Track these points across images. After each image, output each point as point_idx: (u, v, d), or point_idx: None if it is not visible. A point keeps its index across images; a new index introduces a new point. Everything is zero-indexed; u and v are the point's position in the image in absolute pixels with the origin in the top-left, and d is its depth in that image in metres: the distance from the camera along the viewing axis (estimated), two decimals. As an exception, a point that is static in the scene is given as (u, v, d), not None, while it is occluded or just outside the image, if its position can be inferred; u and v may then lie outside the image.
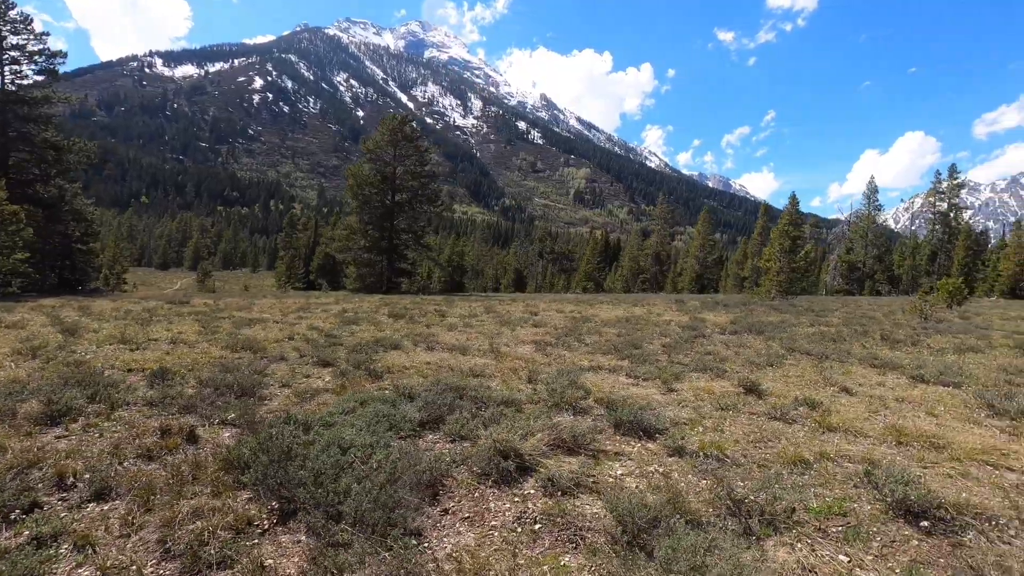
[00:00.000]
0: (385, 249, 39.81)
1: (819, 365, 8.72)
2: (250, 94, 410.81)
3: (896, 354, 10.07)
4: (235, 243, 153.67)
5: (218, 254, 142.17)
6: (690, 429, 5.02)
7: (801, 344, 10.69)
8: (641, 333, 12.60)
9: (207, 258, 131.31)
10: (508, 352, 8.94)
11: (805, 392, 6.60)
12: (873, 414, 5.65)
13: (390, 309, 17.95)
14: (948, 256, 56.86)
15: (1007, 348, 11.06)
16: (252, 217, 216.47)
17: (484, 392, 5.69)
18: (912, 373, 7.75)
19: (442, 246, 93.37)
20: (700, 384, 6.78)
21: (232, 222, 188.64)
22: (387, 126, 39.39)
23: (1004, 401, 5.68)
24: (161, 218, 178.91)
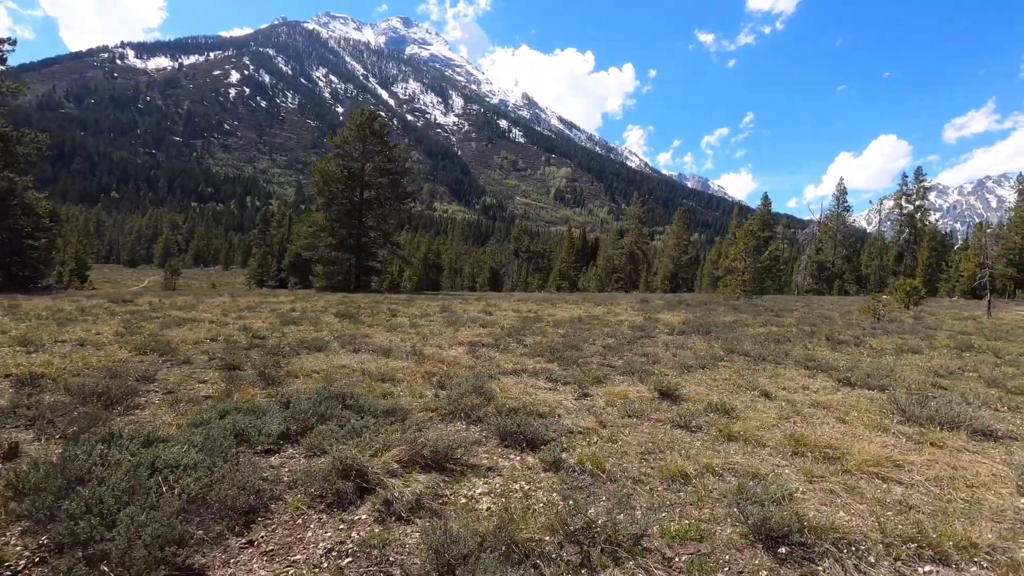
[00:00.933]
0: (353, 247, 39.08)
1: (752, 367, 8.52)
2: (226, 88, 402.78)
3: (835, 356, 9.94)
4: (208, 240, 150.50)
5: (190, 251, 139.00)
6: (583, 439, 4.71)
7: (743, 345, 10.51)
8: (588, 333, 12.32)
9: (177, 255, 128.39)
10: (433, 355, 8.56)
11: (723, 397, 6.35)
12: (782, 421, 5.41)
13: (342, 308, 17.42)
14: (914, 257, 58.06)
15: (947, 349, 11.04)
16: (227, 214, 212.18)
17: (371, 401, 5.30)
18: (841, 376, 7.57)
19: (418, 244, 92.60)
20: (617, 389, 6.49)
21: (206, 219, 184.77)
22: (355, 121, 38.66)
23: (916, 407, 5.48)
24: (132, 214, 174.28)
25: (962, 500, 3.65)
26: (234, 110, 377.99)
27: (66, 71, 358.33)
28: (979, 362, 9.45)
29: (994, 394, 6.95)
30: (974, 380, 7.88)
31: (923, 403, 5.50)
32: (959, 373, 8.41)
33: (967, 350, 10.93)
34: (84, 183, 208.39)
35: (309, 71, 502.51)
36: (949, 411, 5.22)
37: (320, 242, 39.00)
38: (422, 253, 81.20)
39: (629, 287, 63.84)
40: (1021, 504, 3.62)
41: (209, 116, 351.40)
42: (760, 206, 67.83)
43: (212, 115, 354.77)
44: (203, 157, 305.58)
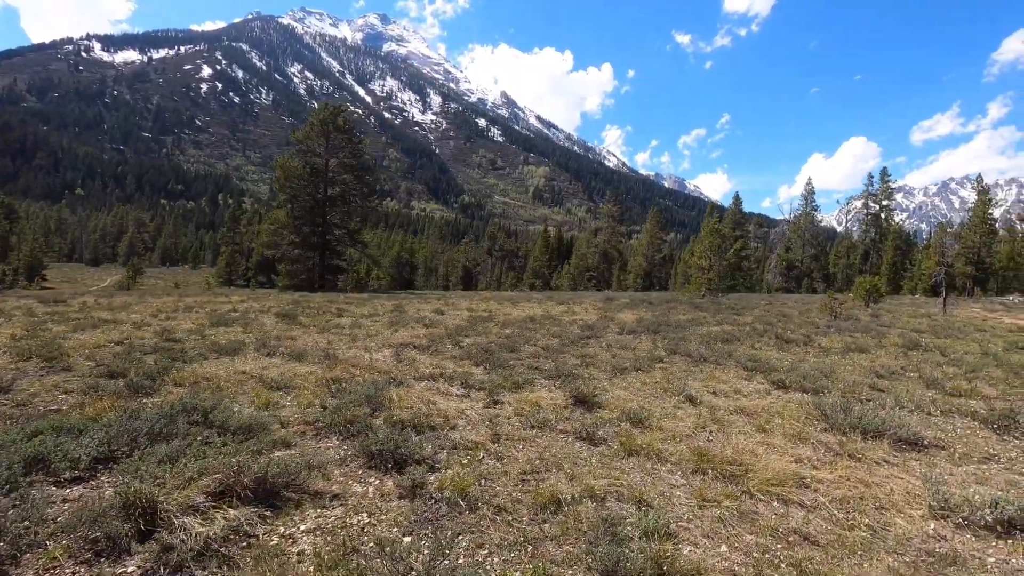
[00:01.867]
0: (316, 245, 38.00)
1: (690, 369, 8.10)
2: (198, 83, 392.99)
3: (781, 355, 9.60)
4: (176, 239, 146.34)
5: (157, 250, 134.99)
6: (463, 458, 4.16)
7: (689, 345, 10.11)
8: (534, 334, 11.81)
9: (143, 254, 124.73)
10: (350, 358, 7.94)
11: (645, 403, 5.88)
12: (698, 430, 4.94)
13: (288, 308, 16.62)
14: (879, 256, 59.09)
15: (895, 347, 10.81)
16: (198, 211, 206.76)
17: (235, 414, 4.67)
18: (778, 378, 7.18)
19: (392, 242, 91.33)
20: (532, 395, 5.97)
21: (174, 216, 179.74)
22: (317, 116, 37.58)
23: (841, 413, 5.07)
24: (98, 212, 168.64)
25: (866, 527, 3.20)
26: (206, 106, 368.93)
27: (28, 63, 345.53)
28: (923, 361, 9.19)
29: (931, 396, 6.62)
30: (914, 381, 7.57)
31: (847, 409, 5.09)
32: (900, 373, 8.11)
33: (914, 349, 10.72)
34: (47, 179, 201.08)
35: (284, 67, 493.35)
36: (873, 418, 4.81)
37: (283, 240, 37.81)
38: (395, 252, 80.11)
39: (602, 286, 63.75)
40: (931, 529, 3.19)
41: (180, 111, 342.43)
42: (731, 205, 68.46)
43: (183, 110, 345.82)
44: (173, 153, 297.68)
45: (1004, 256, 47.16)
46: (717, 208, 79.82)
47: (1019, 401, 6.34)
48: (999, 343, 11.88)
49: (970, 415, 5.56)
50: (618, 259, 71.97)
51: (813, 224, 63.28)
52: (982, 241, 44.17)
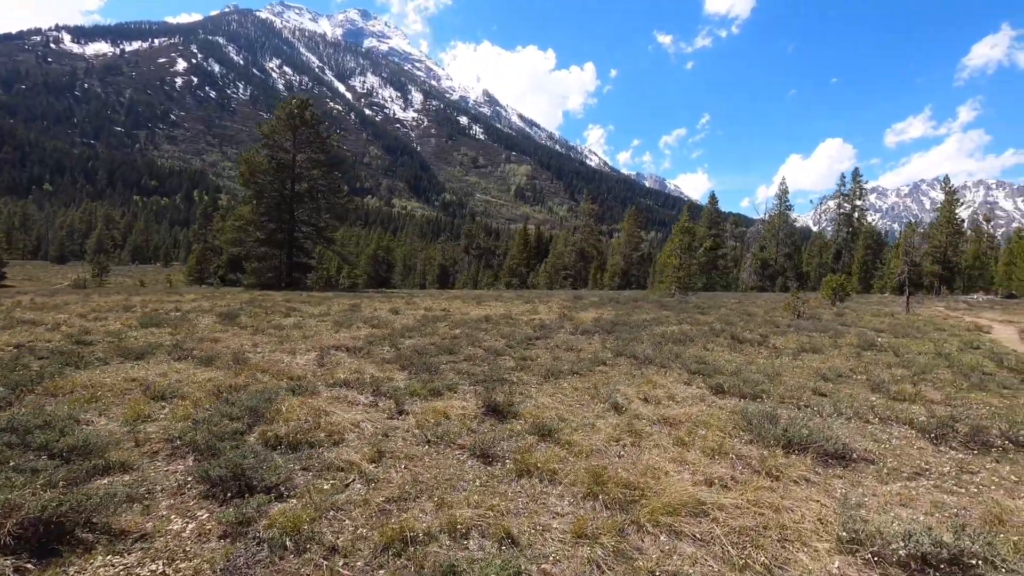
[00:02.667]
0: (283, 243, 36.98)
1: (631, 372, 7.65)
2: (172, 77, 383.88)
3: (731, 357, 9.23)
4: (148, 235, 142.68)
5: (127, 247, 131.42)
6: (331, 480, 3.62)
7: (639, 346, 9.69)
8: (483, 335, 11.30)
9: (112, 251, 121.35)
10: (262, 363, 7.32)
11: (567, 411, 5.40)
12: (611, 444, 4.47)
13: (234, 308, 15.85)
14: (851, 255, 59.83)
15: (850, 348, 10.53)
16: (172, 208, 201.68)
17: (67, 433, 4.06)
18: (717, 382, 6.75)
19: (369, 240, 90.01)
20: (442, 404, 5.44)
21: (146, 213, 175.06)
22: (284, 110, 36.54)
23: (767, 423, 4.63)
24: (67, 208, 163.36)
25: (762, 566, 2.74)
26: (181, 100, 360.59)
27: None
28: (874, 363, 8.89)
29: (873, 401, 6.26)
30: (860, 384, 7.22)
31: (774, 420, 4.66)
32: (848, 376, 7.77)
33: (869, 349, 10.45)
34: (13, 174, 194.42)
35: (262, 61, 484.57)
36: (800, 429, 4.39)
37: (248, 237, 36.69)
38: (371, 249, 78.96)
39: (579, 284, 63.51)
40: (836, 568, 2.74)
41: (154, 105, 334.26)
42: (707, 205, 68.78)
43: (157, 104, 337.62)
44: (147, 148, 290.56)
45: (970, 255, 48.03)
46: (694, 207, 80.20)
47: (962, 406, 6.00)
48: (955, 343, 11.69)
49: (908, 423, 5.18)
50: (597, 258, 71.80)
51: (787, 223, 63.81)
52: (948, 241, 44.87)
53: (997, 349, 10.89)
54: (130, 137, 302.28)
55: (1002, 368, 8.68)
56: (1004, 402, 6.43)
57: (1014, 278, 39.25)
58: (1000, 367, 8.74)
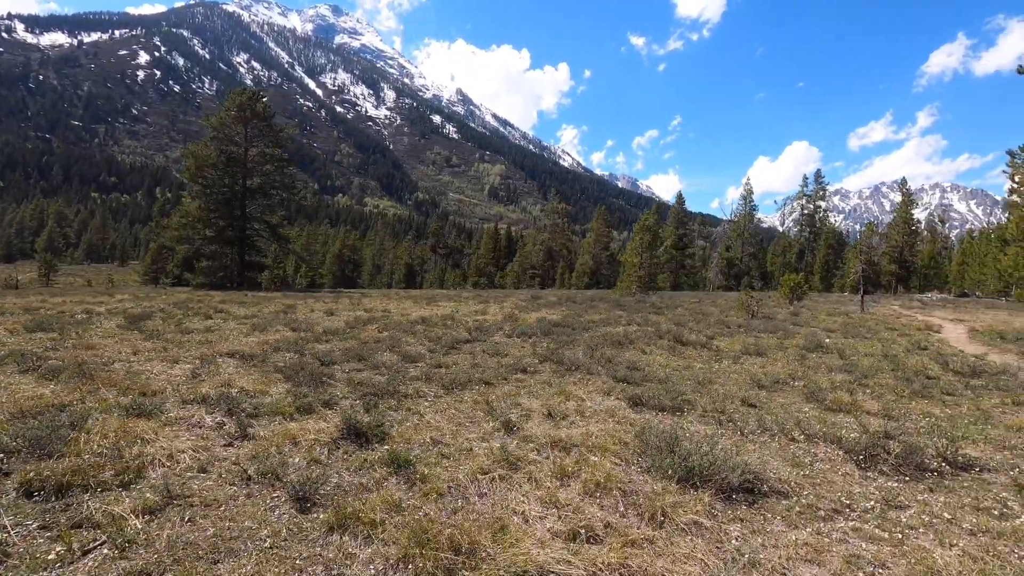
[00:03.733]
0: (233, 240, 35.33)
1: (551, 380, 6.88)
2: (134, 70, 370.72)
3: (668, 361, 8.56)
4: (104, 233, 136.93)
5: (82, 245, 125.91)
6: (63, 548, 2.70)
7: (572, 351, 8.94)
8: (412, 338, 10.42)
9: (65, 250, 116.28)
10: (119, 375, 6.29)
11: (450, 433, 4.57)
12: (476, 477, 3.65)
13: (148, 309, 14.58)
14: (814, 254, 60.70)
15: (795, 349, 9.99)
16: (133, 205, 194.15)
17: None
18: (637, 392, 6.01)
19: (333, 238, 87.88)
20: (299, 426, 4.55)
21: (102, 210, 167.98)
22: (234, 101, 34.89)
23: (665, 451, 3.88)
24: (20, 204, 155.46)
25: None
26: (143, 94, 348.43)
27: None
28: (817, 367, 8.32)
29: (805, 412, 5.62)
30: (796, 392, 6.59)
31: (674, 444, 3.91)
32: (785, 383, 7.14)
33: (815, 350, 9.93)
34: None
35: (229, 56, 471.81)
36: (703, 456, 3.64)
37: (196, 234, 34.95)
38: (337, 248, 77.08)
39: (547, 284, 62.96)
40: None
41: (114, 99, 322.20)
42: (675, 204, 69.02)
43: (118, 98, 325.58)
44: (107, 144, 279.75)
45: (926, 255, 49.10)
46: (663, 207, 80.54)
47: (900, 418, 5.39)
48: (903, 343, 11.30)
49: (837, 441, 4.50)
50: (567, 257, 71.40)
51: (752, 224, 64.43)
52: (905, 241, 45.72)
53: (944, 350, 10.51)
54: (88, 131, 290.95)
55: (947, 371, 8.20)
56: (945, 411, 5.85)
57: (966, 277, 40.12)
58: (945, 370, 8.27)
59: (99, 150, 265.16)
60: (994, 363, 9.03)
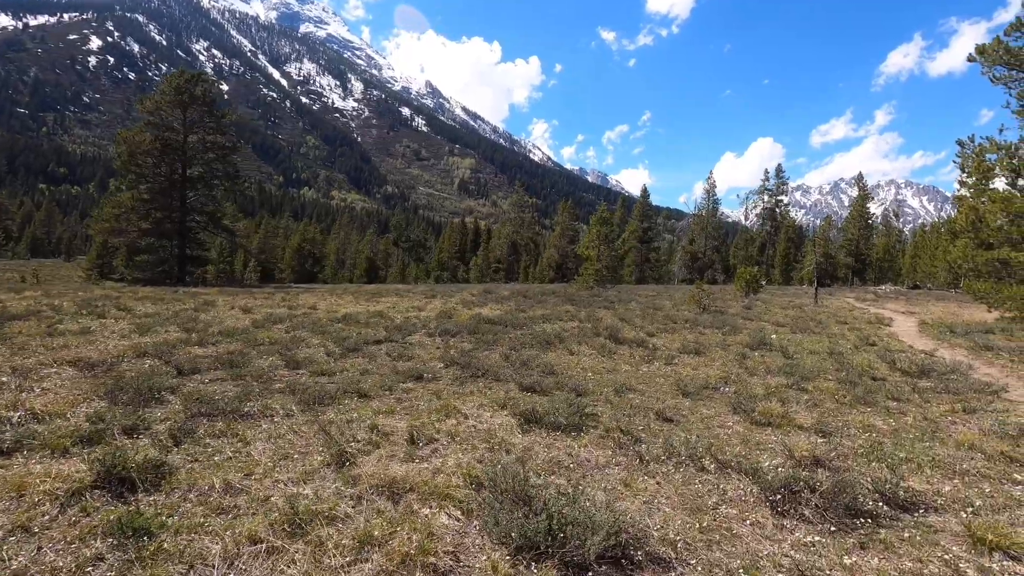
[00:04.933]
0: (172, 232, 33.19)
1: (445, 389, 5.84)
2: (85, 56, 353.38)
3: (596, 363, 7.62)
4: (50, 227, 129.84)
5: (24, 239, 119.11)
6: None
7: (488, 353, 7.93)
8: (319, 338, 9.24)
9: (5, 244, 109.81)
10: None
11: (251, 474, 3.47)
12: (238, 552, 2.57)
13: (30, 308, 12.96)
14: (775, 248, 61.30)
15: (738, 347, 9.20)
16: (85, 198, 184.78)
17: None
18: (532, 407, 5.01)
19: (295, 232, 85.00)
20: (45, 469, 3.38)
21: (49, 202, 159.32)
22: (171, 84, 32.65)
23: (509, 507, 2.86)
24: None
25: None
26: (96, 81, 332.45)
27: None
28: (756, 367, 7.49)
29: (729, 429, 4.72)
30: (724, 401, 5.70)
31: (523, 492, 2.89)
32: (715, 389, 6.26)
33: (758, 348, 9.15)
34: None
35: (187, 43, 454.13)
36: (559, 512, 2.63)
37: (130, 226, 32.66)
38: (296, 242, 74.57)
39: (511, 277, 62.02)
40: None
41: (64, 86, 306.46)
42: (640, 198, 68.84)
43: (68, 85, 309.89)
44: (56, 132, 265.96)
45: (881, 249, 49.92)
46: (629, 200, 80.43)
47: (835, 432, 4.53)
48: (852, 338, 10.67)
49: (753, 473, 3.58)
50: (533, 251, 70.53)
51: (716, 217, 64.71)
52: (861, 234, 46.32)
53: (893, 346, 9.89)
54: (35, 120, 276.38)
55: (894, 371, 7.48)
56: (889, 423, 5.03)
57: (918, 269, 40.81)
58: (892, 369, 7.55)
59: (47, 139, 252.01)
60: (943, 360, 8.40)
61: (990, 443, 4.28)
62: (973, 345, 9.88)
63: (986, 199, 14.19)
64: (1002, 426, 4.68)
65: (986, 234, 14.28)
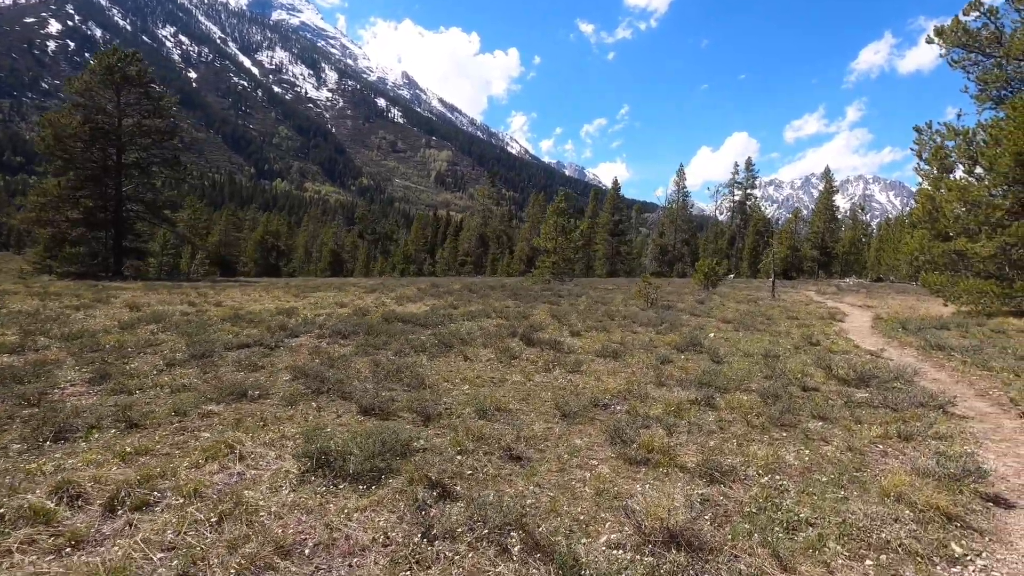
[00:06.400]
0: (105, 223, 31.01)
1: (258, 415, 4.55)
2: (43, 40, 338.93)
3: (485, 372, 6.40)
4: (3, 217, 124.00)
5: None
6: None
7: (357, 362, 6.65)
8: (179, 342, 7.83)
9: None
10: None
11: None
12: None
13: None
14: (744, 240, 61.13)
15: (666, 348, 8.09)
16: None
17: None
18: (332, 444, 3.75)
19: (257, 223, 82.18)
20: None
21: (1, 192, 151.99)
22: (102, 63, 30.35)
23: None
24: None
25: None
26: (55, 67, 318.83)
27: None
28: (669, 377, 6.35)
29: (591, 471, 3.53)
30: (604, 426, 4.51)
31: None
32: (605, 407, 5.09)
33: (687, 349, 8.04)
34: None
35: (153, 28, 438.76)
36: None
37: (58, 216, 30.38)
38: (259, 235, 72.09)
39: (480, 271, 60.66)
40: None
41: (20, 72, 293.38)
42: (610, 190, 68.03)
43: (24, 70, 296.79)
44: (12, 119, 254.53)
45: (847, 241, 49.93)
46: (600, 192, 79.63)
47: (722, 477, 3.37)
48: (797, 336, 9.67)
49: (568, 569, 2.39)
50: (506, 243, 69.20)
51: (686, 210, 64.26)
52: (826, 227, 46.17)
53: (838, 346, 8.89)
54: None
55: (830, 378, 6.42)
56: (803, 455, 3.91)
57: (882, 262, 40.74)
58: (828, 376, 6.49)
59: (2, 127, 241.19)
60: (889, 363, 7.41)
61: (924, 491, 3.17)
62: (924, 344, 8.96)
63: (943, 188, 13.38)
64: (942, 461, 3.59)
65: (943, 224, 13.48)
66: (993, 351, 8.34)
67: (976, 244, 12.32)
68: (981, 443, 4.40)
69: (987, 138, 13.07)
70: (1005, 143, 12.12)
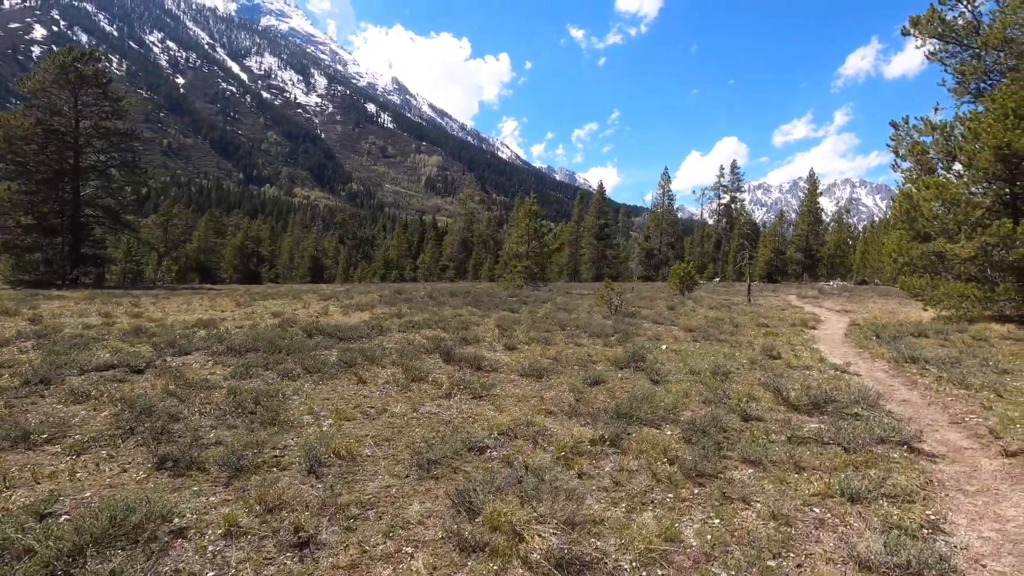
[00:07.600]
0: (60, 228, 29.67)
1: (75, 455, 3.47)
2: (28, 45, 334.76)
3: (367, 400, 5.35)
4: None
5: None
6: None
7: (223, 386, 5.58)
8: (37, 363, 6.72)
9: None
10: None
11: None
12: None
13: None
14: (730, 243, 60.47)
15: (604, 364, 7.07)
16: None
17: None
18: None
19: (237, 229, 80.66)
20: None
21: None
22: (56, 62, 29.11)
23: None
24: None
25: None
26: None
27: None
28: (586, 404, 5.31)
29: (405, 565, 2.49)
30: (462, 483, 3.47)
31: None
32: (482, 452, 4.05)
33: (628, 365, 7.02)
34: None
35: (141, 34, 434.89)
36: None
37: (11, 221, 29.02)
38: (238, 240, 70.61)
39: (462, 276, 59.58)
40: None
41: (4, 77, 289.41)
42: (595, 194, 67.26)
43: (8, 76, 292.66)
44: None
45: (832, 244, 49.33)
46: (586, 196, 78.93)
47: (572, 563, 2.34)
48: (758, 348, 8.69)
49: None
50: (493, 248, 68.10)
51: (671, 213, 63.57)
52: (810, 229, 45.53)
53: (800, 359, 7.90)
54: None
55: (779, 403, 5.41)
56: (705, 537, 2.88)
57: (867, 265, 40.10)
58: (778, 400, 5.47)
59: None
60: (853, 381, 6.42)
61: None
62: (897, 355, 7.99)
63: (920, 185, 12.50)
64: (892, 543, 2.57)
65: (921, 224, 12.59)
66: (973, 363, 7.40)
67: (955, 245, 11.43)
68: (951, 499, 3.39)
69: (965, 132, 12.22)
70: (984, 137, 11.27)
